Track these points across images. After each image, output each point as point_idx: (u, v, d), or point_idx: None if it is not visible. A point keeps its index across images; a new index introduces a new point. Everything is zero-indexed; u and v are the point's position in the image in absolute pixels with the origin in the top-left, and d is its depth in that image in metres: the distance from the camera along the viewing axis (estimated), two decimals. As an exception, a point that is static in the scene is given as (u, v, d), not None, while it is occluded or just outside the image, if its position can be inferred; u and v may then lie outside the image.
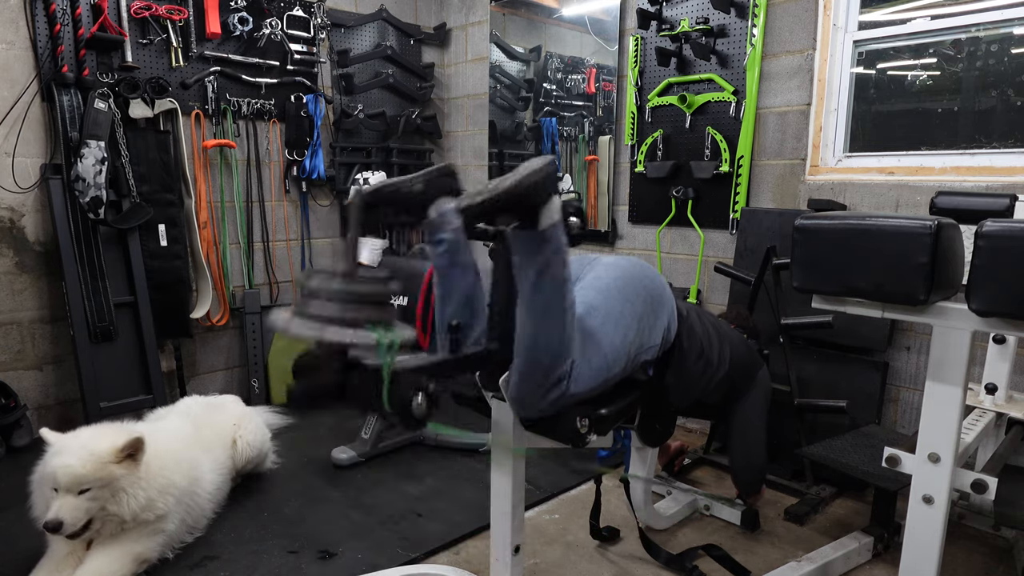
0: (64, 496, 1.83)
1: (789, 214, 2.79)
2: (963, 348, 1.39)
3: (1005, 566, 2.14)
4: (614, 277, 1.70)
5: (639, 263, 1.80)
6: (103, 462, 1.87)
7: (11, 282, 2.94)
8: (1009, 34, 2.45)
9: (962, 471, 1.52)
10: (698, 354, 1.91)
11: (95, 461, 1.85)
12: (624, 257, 1.82)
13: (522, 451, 1.67)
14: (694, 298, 3.17)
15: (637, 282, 1.72)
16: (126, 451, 1.91)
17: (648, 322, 1.71)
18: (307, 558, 2.15)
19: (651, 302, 1.73)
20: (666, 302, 1.79)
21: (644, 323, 1.69)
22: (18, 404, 2.92)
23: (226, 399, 2.71)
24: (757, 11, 2.86)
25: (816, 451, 2.24)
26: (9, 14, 2.80)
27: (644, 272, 1.77)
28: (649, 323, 1.71)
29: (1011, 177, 2.36)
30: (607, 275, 1.71)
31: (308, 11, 3.62)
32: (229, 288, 3.55)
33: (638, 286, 1.71)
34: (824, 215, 1.47)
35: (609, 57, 3.47)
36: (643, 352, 1.71)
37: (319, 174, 3.75)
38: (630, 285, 1.70)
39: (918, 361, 2.61)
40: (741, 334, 2.29)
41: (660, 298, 1.77)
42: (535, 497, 2.54)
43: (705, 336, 1.96)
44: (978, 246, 1.26)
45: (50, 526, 1.79)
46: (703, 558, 2.13)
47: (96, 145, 2.89)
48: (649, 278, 1.76)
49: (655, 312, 1.74)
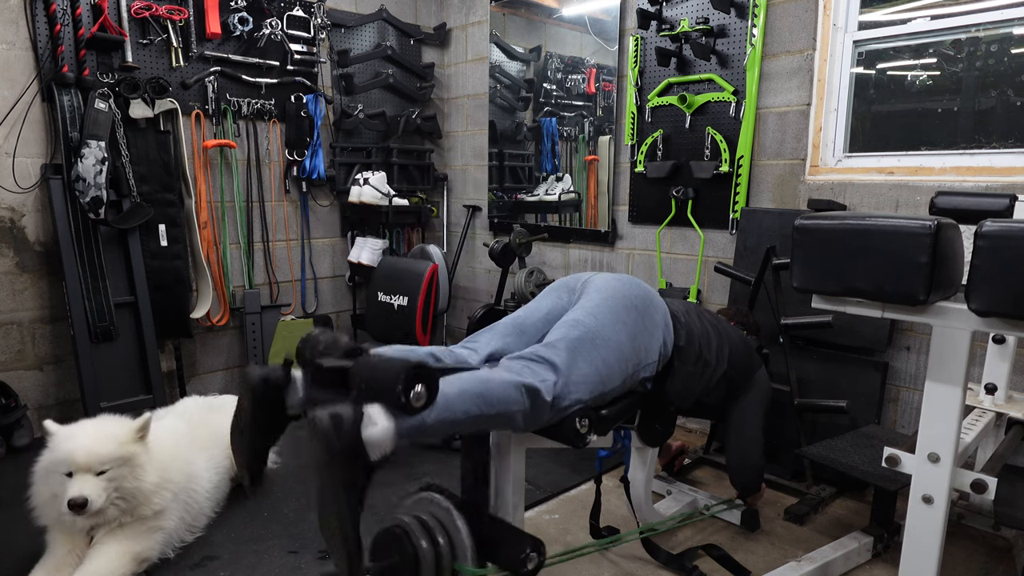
0: (83, 476, 1.84)
1: (789, 214, 2.79)
2: (963, 348, 1.39)
3: (1005, 566, 2.14)
4: (604, 299, 1.74)
5: (630, 281, 1.84)
6: (121, 442, 1.92)
7: (11, 282, 2.94)
8: (1009, 34, 2.45)
9: (962, 471, 1.52)
10: (696, 357, 1.93)
11: (113, 440, 1.91)
12: (615, 277, 1.85)
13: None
14: (694, 298, 3.17)
15: (627, 301, 1.76)
16: (141, 432, 1.98)
17: (643, 341, 1.75)
18: (307, 558, 2.15)
19: (643, 320, 1.77)
20: (658, 318, 1.82)
21: (639, 341, 1.73)
22: (18, 404, 2.92)
23: (226, 399, 2.71)
24: (757, 11, 2.86)
25: (816, 451, 2.24)
26: (9, 14, 2.80)
27: (633, 291, 1.80)
28: (644, 342, 1.75)
29: (1011, 177, 2.36)
30: (597, 297, 1.75)
31: (308, 11, 3.62)
32: (229, 288, 3.55)
33: (628, 305, 1.75)
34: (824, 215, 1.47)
35: (609, 57, 3.47)
36: (641, 370, 1.75)
37: (319, 174, 3.76)
38: (620, 304, 1.74)
39: (918, 361, 2.61)
40: (741, 332, 2.29)
41: (652, 316, 1.80)
42: (535, 497, 2.54)
43: (703, 336, 1.97)
44: (978, 246, 1.26)
45: (75, 503, 1.81)
46: (703, 558, 2.13)
47: (96, 145, 2.89)
48: (639, 296, 1.80)
49: (648, 331, 1.77)
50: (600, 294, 1.76)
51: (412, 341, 3.60)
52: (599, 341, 1.63)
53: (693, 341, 1.92)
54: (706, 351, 1.96)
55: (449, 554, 1.44)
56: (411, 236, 4.37)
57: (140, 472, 1.95)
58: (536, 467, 2.74)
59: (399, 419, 1.28)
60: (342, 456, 1.20)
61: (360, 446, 1.22)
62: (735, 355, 2.09)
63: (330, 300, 4.05)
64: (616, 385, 1.67)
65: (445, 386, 1.34)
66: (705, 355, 1.96)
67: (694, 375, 1.93)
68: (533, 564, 1.44)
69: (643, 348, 1.74)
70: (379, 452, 1.25)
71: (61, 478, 1.86)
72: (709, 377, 1.99)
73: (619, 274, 1.90)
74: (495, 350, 1.74)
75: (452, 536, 1.45)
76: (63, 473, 1.86)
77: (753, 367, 2.22)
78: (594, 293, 1.77)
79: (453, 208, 4.49)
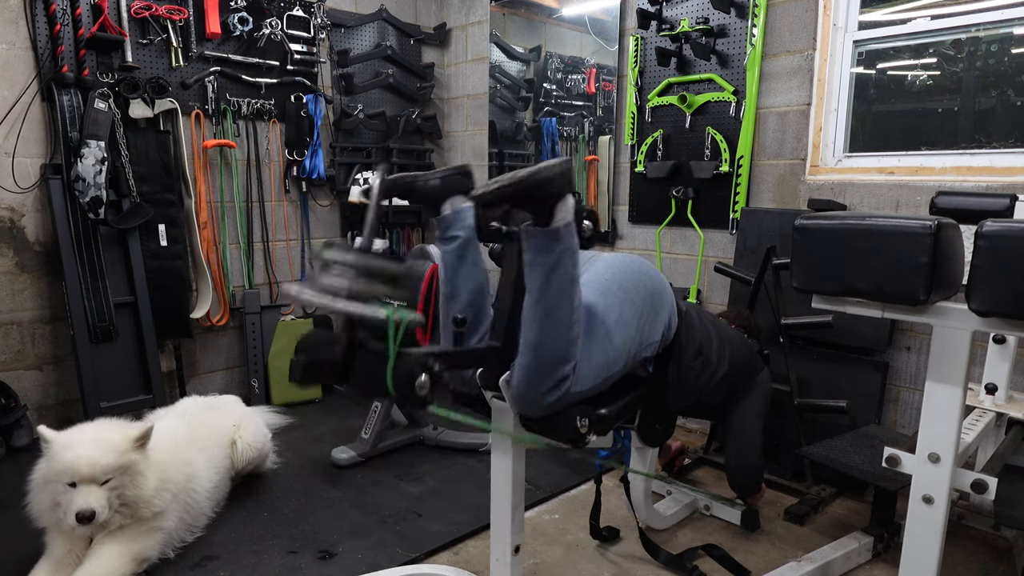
0: (87, 487, 1.84)
1: (789, 214, 2.79)
2: (963, 348, 1.39)
3: (1005, 566, 2.14)
4: (613, 274, 1.69)
5: (638, 260, 1.79)
6: (121, 451, 1.91)
7: (11, 282, 2.94)
8: (1009, 34, 2.45)
9: (962, 471, 1.52)
10: (696, 351, 1.91)
11: (115, 450, 1.90)
12: (623, 255, 1.81)
13: (525, 439, 1.65)
14: (694, 298, 3.17)
15: (637, 279, 1.71)
16: (141, 440, 1.97)
17: (648, 319, 1.71)
18: (307, 558, 2.15)
19: (651, 299, 1.72)
20: (666, 299, 1.79)
21: (644, 320, 1.69)
22: (18, 404, 2.92)
23: (226, 399, 2.71)
24: (757, 11, 2.86)
25: (816, 451, 2.24)
26: (9, 14, 2.80)
27: (643, 269, 1.76)
28: (649, 320, 1.71)
29: (1011, 177, 2.36)
30: (607, 272, 1.70)
31: (308, 11, 3.62)
32: (229, 288, 3.55)
33: (638, 283, 1.70)
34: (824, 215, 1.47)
35: (609, 57, 3.47)
36: (643, 349, 1.71)
37: (319, 174, 3.75)
38: (630, 282, 1.69)
39: (918, 361, 2.61)
40: (742, 334, 2.29)
41: (660, 295, 1.76)
42: (535, 497, 2.54)
43: (704, 334, 1.97)
44: (978, 246, 1.25)
45: (84, 516, 1.81)
46: (703, 558, 2.13)
47: (96, 145, 2.89)
48: (648, 275, 1.76)
49: (655, 309, 1.73)
50: (610, 269, 1.71)
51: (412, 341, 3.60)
52: (609, 324, 1.59)
53: (693, 338, 1.90)
54: (707, 348, 1.95)
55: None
56: (411, 236, 4.36)
57: (141, 480, 1.94)
58: (536, 467, 2.74)
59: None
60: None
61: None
62: (736, 357, 2.07)
63: (330, 300, 4.04)
64: (619, 368, 1.63)
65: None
66: (705, 351, 1.95)
67: (693, 369, 1.92)
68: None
69: (648, 326, 1.70)
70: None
71: (62, 487, 1.86)
72: (709, 376, 1.98)
73: (625, 254, 1.88)
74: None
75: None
76: (65, 483, 1.85)
77: (755, 369, 2.21)
78: (604, 268, 1.72)
79: (453, 208, 4.48)
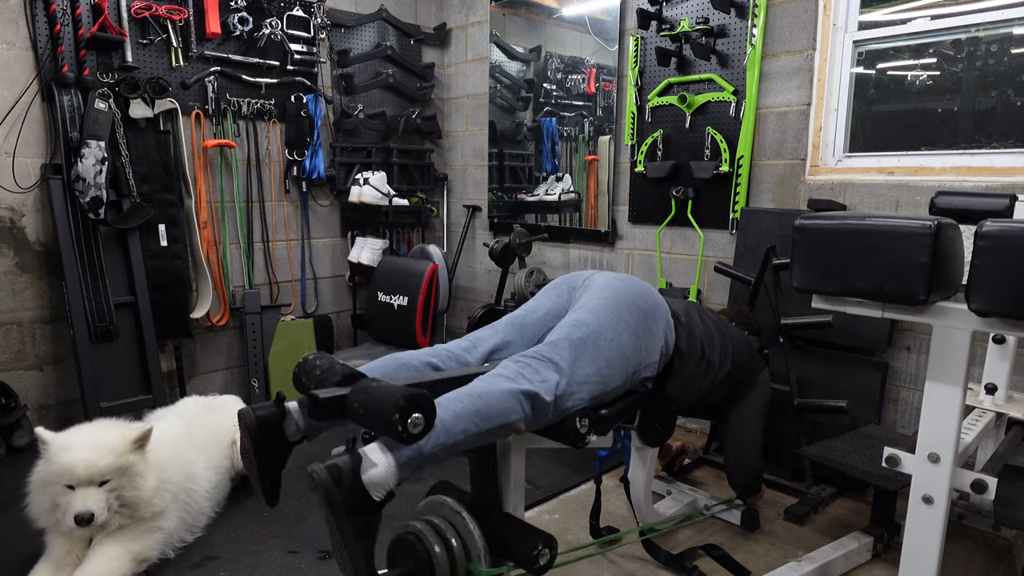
0: (86, 489, 1.84)
1: (789, 214, 2.79)
2: (963, 348, 1.39)
3: (1005, 566, 2.14)
4: (606, 299, 1.73)
5: (631, 280, 1.84)
6: (119, 453, 1.90)
7: (11, 282, 2.94)
8: (1009, 34, 2.45)
9: (962, 471, 1.52)
10: (699, 357, 1.92)
11: (113, 452, 1.89)
12: (617, 275, 1.85)
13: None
14: (694, 298, 3.17)
15: (629, 301, 1.75)
16: (140, 441, 1.96)
17: (644, 340, 1.75)
18: (307, 558, 2.15)
19: (645, 320, 1.76)
20: (660, 317, 1.82)
21: (641, 341, 1.73)
22: (18, 404, 2.92)
23: (226, 399, 2.71)
24: (757, 11, 2.86)
25: (816, 451, 2.24)
26: (9, 14, 2.80)
27: (636, 290, 1.80)
28: (646, 342, 1.75)
29: (1011, 177, 2.36)
30: (599, 297, 1.74)
31: (308, 11, 3.62)
32: (229, 288, 3.55)
33: (631, 305, 1.75)
34: (824, 215, 1.47)
35: (609, 57, 3.47)
36: (641, 369, 1.75)
37: (319, 174, 3.75)
38: (622, 305, 1.73)
39: (918, 361, 2.61)
40: (743, 332, 2.29)
41: (654, 315, 1.80)
42: (535, 497, 2.54)
43: (706, 336, 1.97)
44: (978, 246, 1.26)
45: (83, 518, 1.81)
46: (703, 558, 2.13)
47: (96, 145, 2.89)
48: (641, 296, 1.79)
49: (650, 329, 1.77)
50: (602, 293, 1.75)
51: (412, 341, 3.60)
52: (602, 341, 1.64)
53: (695, 342, 1.91)
54: (709, 351, 1.96)
55: (463, 556, 1.44)
56: (411, 236, 4.36)
57: (140, 481, 1.94)
58: (536, 467, 2.74)
59: (396, 451, 1.29)
60: (346, 506, 1.23)
61: (363, 492, 1.25)
62: (738, 356, 2.08)
63: (330, 300, 4.04)
64: (617, 385, 1.68)
65: (441, 411, 1.33)
66: (708, 355, 1.95)
67: (697, 375, 1.93)
68: (545, 560, 1.46)
69: (644, 348, 1.74)
70: (382, 491, 1.28)
71: (60, 489, 1.86)
72: (713, 377, 1.99)
73: (620, 273, 1.90)
74: (495, 346, 1.74)
75: (464, 538, 1.46)
76: (64, 485, 1.85)
77: (756, 368, 2.22)
78: (596, 292, 1.77)
79: (453, 208, 4.49)
